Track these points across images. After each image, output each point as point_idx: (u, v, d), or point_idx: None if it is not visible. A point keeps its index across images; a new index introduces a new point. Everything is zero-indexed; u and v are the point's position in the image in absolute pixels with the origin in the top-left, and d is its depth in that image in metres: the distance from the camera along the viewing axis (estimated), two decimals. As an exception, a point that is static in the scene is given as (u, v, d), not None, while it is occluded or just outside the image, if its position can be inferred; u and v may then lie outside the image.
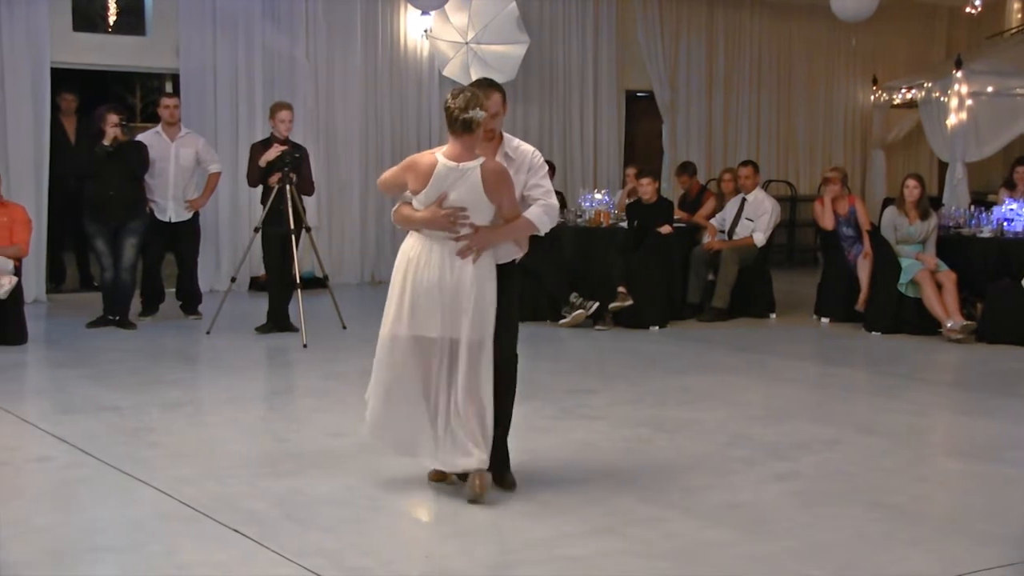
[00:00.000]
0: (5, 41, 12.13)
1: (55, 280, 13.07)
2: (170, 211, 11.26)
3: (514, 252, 5.93)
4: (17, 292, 9.88)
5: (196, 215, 11.56)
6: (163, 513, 5.62)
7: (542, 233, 5.83)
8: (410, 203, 5.72)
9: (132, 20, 13.30)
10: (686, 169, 13.71)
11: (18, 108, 12.22)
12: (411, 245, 5.74)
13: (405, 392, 5.74)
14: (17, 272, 9.96)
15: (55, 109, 12.81)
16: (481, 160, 5.60)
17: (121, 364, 9.31)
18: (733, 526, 5.51)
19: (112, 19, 13.25)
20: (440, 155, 5.61)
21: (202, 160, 11.43)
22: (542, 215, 5.73)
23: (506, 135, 5.93)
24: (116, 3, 13.17)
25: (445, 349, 5.66)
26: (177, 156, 11.27)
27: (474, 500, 5.56)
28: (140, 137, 11.38)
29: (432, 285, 5.61)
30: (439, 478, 5.94)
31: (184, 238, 11.51)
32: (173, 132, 11.35)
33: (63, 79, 12.98)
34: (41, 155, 12.36)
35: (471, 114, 5.50)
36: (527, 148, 5.92)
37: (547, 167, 5.97)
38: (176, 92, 12.91)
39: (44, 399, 8.43)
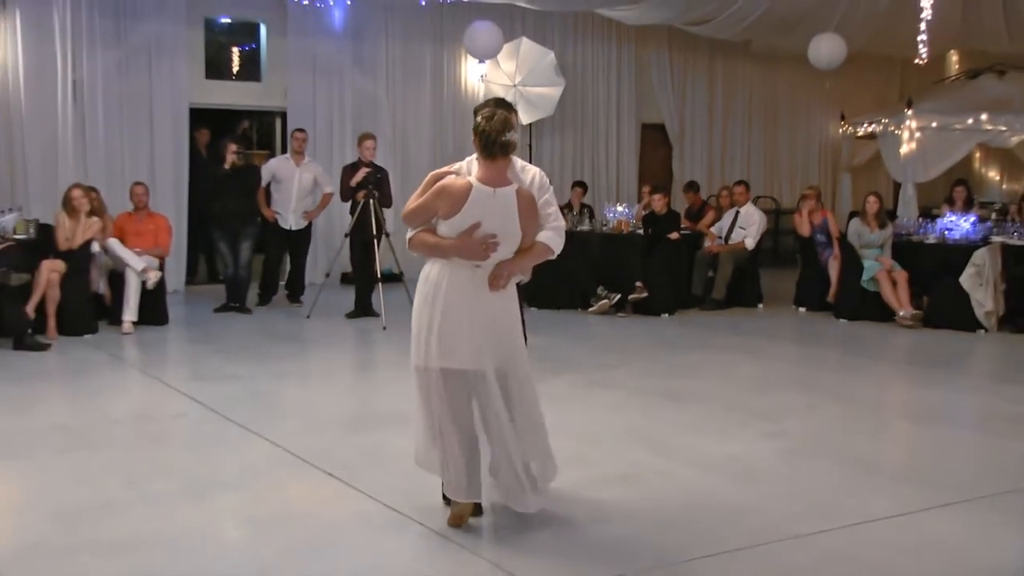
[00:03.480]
0: (154, 87, 12.26)
1: (190, 274, 13.18)
2: (291, 221, 11.40)
3: (519, 276, 4.78)
4: (161, 284, 10.00)
5: (310, 224, 11.70)
6: (273, 459, 5.68)
7: (555, 255, 4.69)
8: (430, 229, 4.58)
9: (250, 69, 13.41)
10: (691, 187, 13.72)
11: (163, 139, 12.36)
12: (435, 273, 4.55)
13: (451, 426, 4.55)
14: (161, 268, 10.08)
15: (196, 140, 12.96)
16: (516, 185, 4.51)
17: (240, 341, 9.39)
18: (729, 475, 5.49)
19: (235, 68, 13.37)
20: (473, 179, 4.46)
21: (319, 183, 11.52)
22: (555, 238, 4.63)
23: (513, 157, 4.72)
24: (238, 56, 13.29)
25: (479, 384, 4.49)
26: (300, 178, 11.38)
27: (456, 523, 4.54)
28: (272, 163, 11.65)
29: (462, 316, 4.46)
30: (458, 523, 4.55)
31: (299, 242, 11.65)
32: (299, 159, 11.47)
33: (200, 117, 13.13)
34: (181, 176, 12.48)
35: (508, 136, 4.41)
36: (533, 168, 4.80)
37: (551, 188, 4.85)
38: (284, 127, 13.01)
39: (182, 368, 8.52)
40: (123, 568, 4.15)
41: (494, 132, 4.42)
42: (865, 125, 15.49)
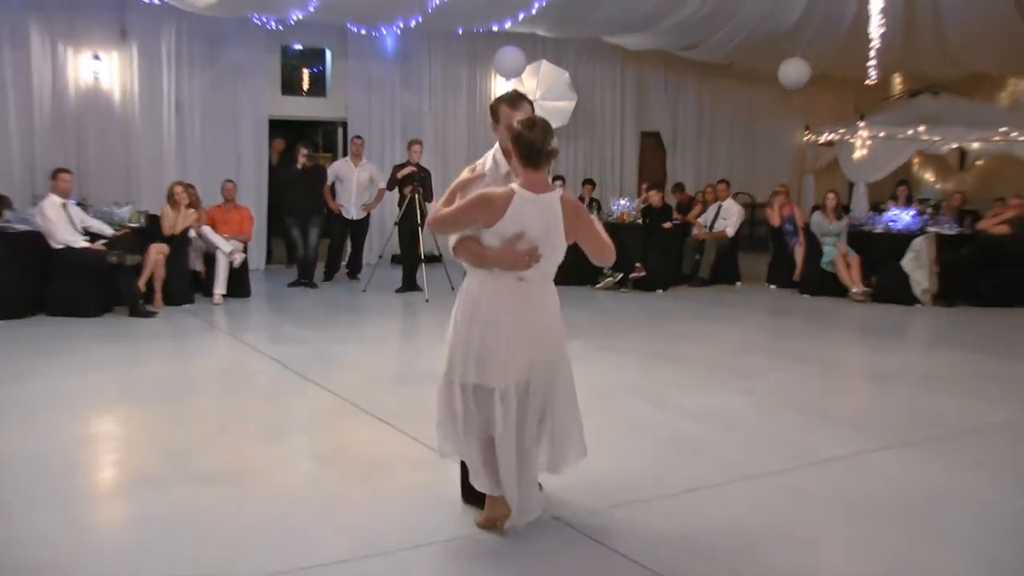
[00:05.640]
0: (240, 102, 12.33)
1: (268, 256, 13.25)
2: (352, 212, 11.47)
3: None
4: (245, 263, 10.07)
5: (368, 215, 11.74)
6: (335, 407, 5.72)
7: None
8: (474, 237, 3.66)
9: (318, 87, 13.41)
10: (678, 187, 13.82)
11: (247, 145, 12.42)
12: (475, 288, 3.68)
13: (474, 437, 3.69)
14: (245, 250, 10.13)
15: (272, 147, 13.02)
16: (560, 191, 3.66)
17: (309, 311, 9.44)
18: (712, 423, 5.48)
19: (305, 86, 13.38)
20: (515, 186, 3.58)
21: (374, 180, 11.56)
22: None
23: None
24: (308, 76, 13.30)
25: (514, 397, 3.61)
26: (358, 177, 11.45)
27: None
28: (335, 165, 11.76)
29: (505, 333, 3.60)
30: (491, 524, 3.78)
31: (359, 229, 11.72)
32: (357, 161, 11.53)
33: (277, 126, 13.14)
34: (261, 175, 12.53)
35: (554, 144, 3.59)
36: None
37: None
38: (345, 135, 13.02)
39: (261, 332, 8.57)
40: (215, 495, 4.19)
41: (538, 142, 3.56)
42: (825, 134, 15.36)
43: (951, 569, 3.60)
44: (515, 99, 3.86)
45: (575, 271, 11.17)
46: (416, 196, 10.24)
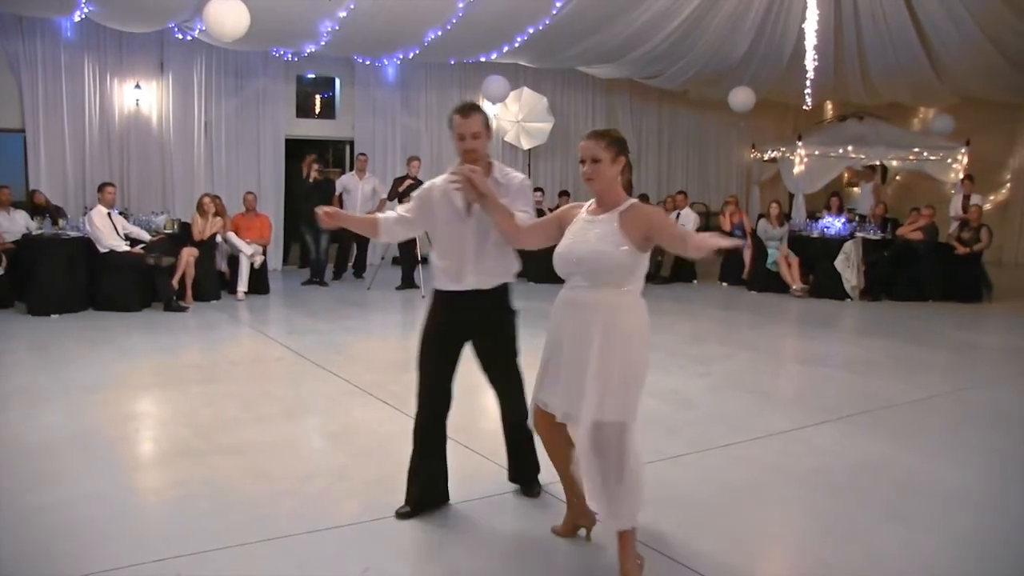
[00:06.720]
0: (260, 124, 12.20)
1: (285, 257, 13.15)
2: None
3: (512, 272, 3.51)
4: (264, 264, 10.00)
5: None
6: (344, 391, 5.70)
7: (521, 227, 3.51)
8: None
9: (328, 110, 13.34)
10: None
11: (266, 161, 12.29)
12: (642, 308, 3.31)
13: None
14: (264, 253, 10.07)
15: (293, 161, 12.92)
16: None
17: (321, 306, 9.40)
18: (673, 403, 5.50)
19: (317, 110, 13.32)
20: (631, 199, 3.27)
21: (377, 191, 11.50)
22: (526, 218, 3.53)
23: (496, 163, 3.64)
24: (319, 101, 13.24)
25: None
26: (362, 189, 11.39)
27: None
28: (343, 178, 11.66)
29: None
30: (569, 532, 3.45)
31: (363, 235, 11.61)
32: (362, 175, 11.47)
33: (292, 145, 13.05)
34: (279, 187, 12.41)
35: None
36: (516, 175, 3.62)
37: (532, 193, 3.73)
38: (352, 153, 12.98)
39: (279, 325, 8.54)
40: (240, 465, 4.18)
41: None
42: (769, 152, 15.42)
43: (873, 526, 3.63)
44: (466, 109, 3.45)
45: (553, 271, 11.21)
46: (415, 205, 10.20)
